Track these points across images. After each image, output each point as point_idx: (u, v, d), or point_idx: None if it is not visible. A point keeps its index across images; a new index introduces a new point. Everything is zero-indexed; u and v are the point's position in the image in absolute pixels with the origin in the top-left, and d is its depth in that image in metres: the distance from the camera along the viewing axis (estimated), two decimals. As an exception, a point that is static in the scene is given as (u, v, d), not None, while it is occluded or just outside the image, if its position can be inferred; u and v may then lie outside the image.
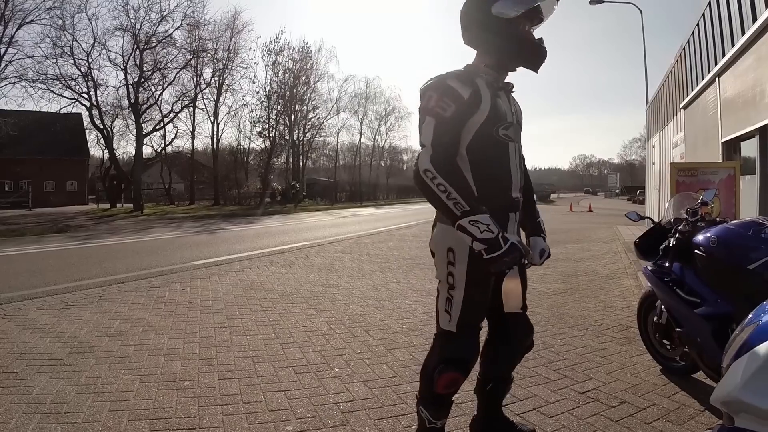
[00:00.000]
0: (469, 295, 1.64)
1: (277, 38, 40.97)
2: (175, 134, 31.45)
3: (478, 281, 1.64)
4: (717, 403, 1.18)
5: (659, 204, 12.74)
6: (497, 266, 1.48)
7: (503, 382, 1.93)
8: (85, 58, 25.35)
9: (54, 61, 24.40)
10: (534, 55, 1.68)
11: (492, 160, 1.65)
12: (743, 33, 6.86)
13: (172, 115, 29.57)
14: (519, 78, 1.77)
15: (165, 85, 28.28)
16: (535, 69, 1.72)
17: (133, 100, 26.68)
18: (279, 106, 33.94)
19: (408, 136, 59.48)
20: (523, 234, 1.92)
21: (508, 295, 1.66)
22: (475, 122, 1.60)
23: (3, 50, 21.93)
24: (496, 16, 1.62)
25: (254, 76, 43.97)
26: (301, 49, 35.35)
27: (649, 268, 2.74)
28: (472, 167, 1.62)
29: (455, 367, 1.66)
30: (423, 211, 24.19)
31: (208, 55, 29.89)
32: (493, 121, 1.63)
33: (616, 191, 63.92)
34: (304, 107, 36.04)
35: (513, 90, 1.78)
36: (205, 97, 31.46)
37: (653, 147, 16.41)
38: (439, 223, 1.70)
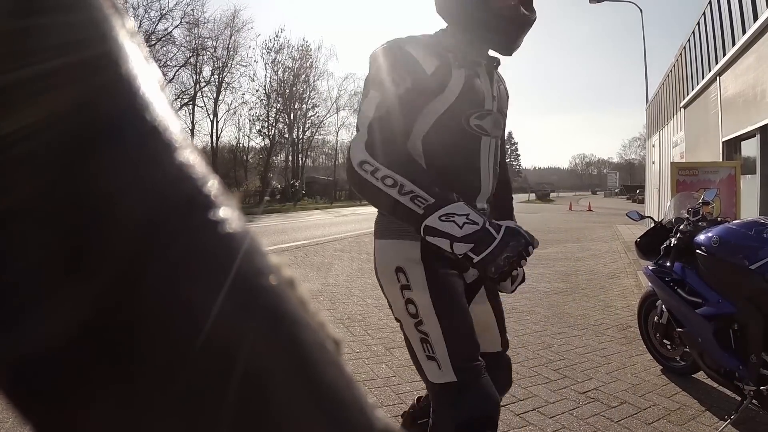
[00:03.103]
0: (448, 323, 1.20)
1: (277, 36, 41.01)
2: (175, 133, 31.42)
3: (450, 301, 1.22)
4: None
5: (659, 203, 12.73)
6: (496, 268, 1.02)
7: None
8: (84, 56, 25.32)
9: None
10: (504, 35, 1.26)
11: (455, 159, 1.25)
12: (744, 32, 6.85)
13: (171, 114, 29.54)
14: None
15: (164, 84, 28.19)
16: (509, 52, 1.31)
17: (132, 98, 26.62)
18: (278, 105, 33.95)
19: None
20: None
21: (477, 332, 1.28)
22: (437, 108, 1.20)
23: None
24: None
25: (254, 75, 44.02)
26: (300, 47, 35.40)
27: (650, 267, 2.73)
28: (427, 166, 1.21)
29: (481, 429, 1.17)
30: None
31: (208, 53, 29.89)
32: (463, 108, 1.23)
33: (616, 190, 63.96)
34: (304, 105, 36.05)
35: (498, 65, 1.36)
36: (204, 95, 31.43)
37: (653, 146, 16.40)
38: (377, 240, 1.27)
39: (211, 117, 32.16)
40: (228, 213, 0.16)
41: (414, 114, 1.19)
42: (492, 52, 1.33)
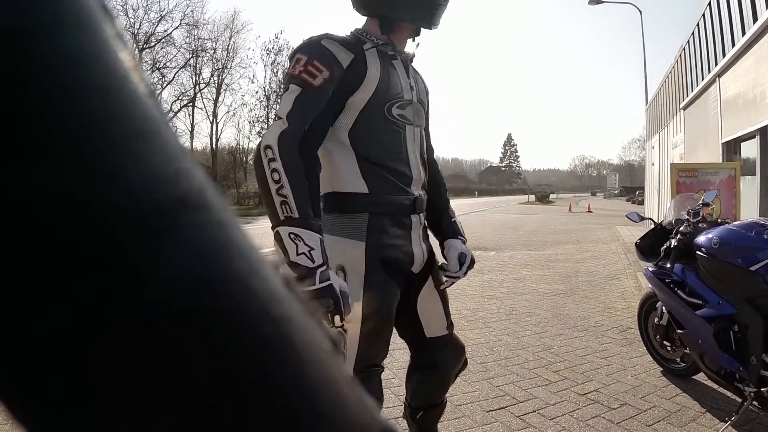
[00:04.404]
0: (368, 328, 1.27)
1: (277, 38, 41.03)
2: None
3: (378, 308, 1.28)
4: None
5: (659, 205, 12.74)
6: None
7: (435, 408, 1.62)
8: (84, 58, 25.44)
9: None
10: (426, 12, 1.33)
11: (383, 149, 1.31)
12: (743, 33, 6.86)
13: (171, 115, 29.52)
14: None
15: (164, 85, 28.33)
16: (430, 25, 1.36)
17: (132, 100, 26.77)
18: (278, 106, 34.00)
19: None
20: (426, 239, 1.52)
21: (426, 319, 1.43)
22: (360, 100, 1.26)
23: None
24: None
25: (253, 76, 44.11)
26: (300, 49, 35.43)
27: (650, 269, 2.73)
28: (358, 158, 1.28)
29: None
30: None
31: (207, 54, 29.98)
32: (383, 99, 1.29)
33: (615, 192, 64.03)
34: (304, 107, 36.05)
35: (413, 59, 1.44)
36: (204, 96, 31.52)
37: (653, 148, 16.41)
38: (324, 233, 1.27)
39: (211, 118, 32.29)
40: (222, 212, 0.16)
41: (333, 105, 1.24)
42: (409, 47, 1.42)
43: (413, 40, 1.42)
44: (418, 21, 1.35)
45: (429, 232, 1.56)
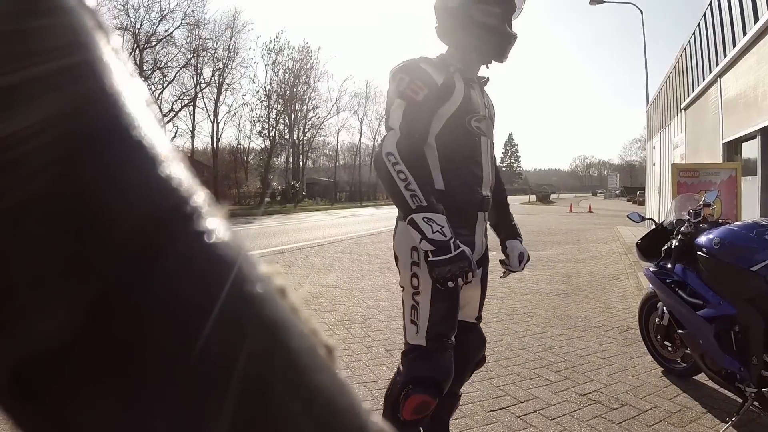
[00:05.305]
0: (437, 300, 1.48)
1: (277, 37, 41.08)
2: (175, 133, 31.45)
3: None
4: None
5: (660, 205, 12.73)
6: (439, 271, 1.36)
7: (450, 398, 1.68)
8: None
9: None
10: (493, 43, 1.58)
11: (462, 153, 1.56)
12: (744, 33, 6.86)
13: (171, 115, 29.63)
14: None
15: (165, 85, 28.34)
16: (500, 59, 1.62)
17: (133, 100, 26.75)
18: (279, 106, 34.00)
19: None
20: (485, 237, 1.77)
21: (463, 303, 1.58)
22: (446, 111, 1.51)
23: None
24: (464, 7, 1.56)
25: (254, 76, 44.17)
26: (301, 49, 35.46)
27: (651, 269, 2.73)
28: (441, 159, 1.53)
29: (425, 389, 1.45)
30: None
31: (208, 54, 29.96)
32: (465, 113, 1.54)
33: (616, 192, 64.01)
34: (304, 107, 36.10)
35: (487, 83, 1.71)
36: (205, 96, 31.50)
37: (653, 148, 16.40)
38: (401, 221, 1.56)
39: (212, 118, 32.23)
40: (215, 223, 0.16)
41: (431, 115, 1.50)
42: (483, 71, 1.66)
43: (487, 67, 1.66)
44: (491, 56, 1.62)
45: (490, 230, 1.81)
